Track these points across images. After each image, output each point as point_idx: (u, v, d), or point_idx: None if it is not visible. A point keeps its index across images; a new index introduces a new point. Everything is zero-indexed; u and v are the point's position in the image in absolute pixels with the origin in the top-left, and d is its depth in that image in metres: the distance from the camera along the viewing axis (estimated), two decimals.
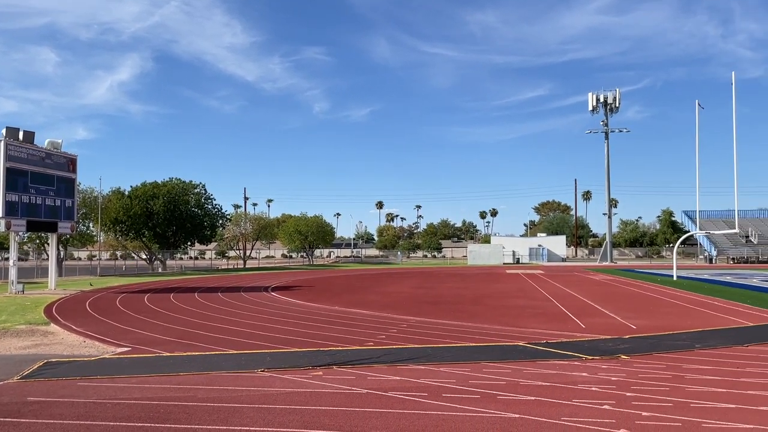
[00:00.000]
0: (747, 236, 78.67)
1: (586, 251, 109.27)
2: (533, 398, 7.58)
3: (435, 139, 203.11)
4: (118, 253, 67.03)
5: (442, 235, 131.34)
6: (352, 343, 12.14)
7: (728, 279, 35.78)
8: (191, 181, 59.87)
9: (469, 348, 11.59)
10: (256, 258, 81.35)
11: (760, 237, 78.93)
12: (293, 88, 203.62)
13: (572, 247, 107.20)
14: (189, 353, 11.13)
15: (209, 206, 60.97)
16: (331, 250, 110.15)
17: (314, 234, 77.89)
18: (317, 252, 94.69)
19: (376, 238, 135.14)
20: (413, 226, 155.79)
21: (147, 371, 9.48)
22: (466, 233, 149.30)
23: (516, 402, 7.41)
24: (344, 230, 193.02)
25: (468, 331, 14.04)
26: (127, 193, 55.81)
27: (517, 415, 6.79)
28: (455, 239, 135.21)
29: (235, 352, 11.25)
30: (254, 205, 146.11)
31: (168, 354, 11.09)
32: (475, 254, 79.78)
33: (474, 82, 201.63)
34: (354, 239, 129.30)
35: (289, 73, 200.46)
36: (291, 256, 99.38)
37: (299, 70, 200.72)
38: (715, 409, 7.03)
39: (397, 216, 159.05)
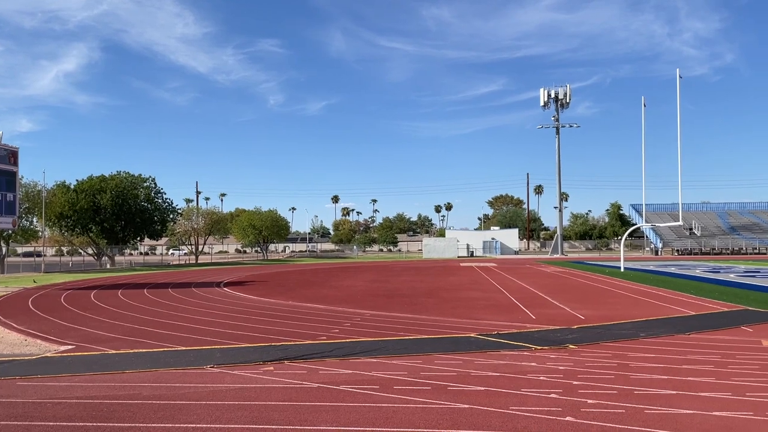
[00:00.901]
0: (690, 229, 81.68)
1: (538, 244, 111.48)
2: (483, 389, 7.66)
3: (391, 133, 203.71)
4: (64, 249, 64.91)
5: (398, 229, 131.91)
6: (305, 338, 12.05)
7: (673, 270, 37.07)
8: (140, 175, 58.44)
9: (422, 340, 11.65)
10: (208, 253, 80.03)
11: (702, 229, 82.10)
12: (247, 81, 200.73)
13: (525, 240, 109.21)
14: (136, 350, 10.83)
15: (159, 200, 59.62)
16: (286, 244, 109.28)
17: (269, 228, 77.07)
18: (272, 247, 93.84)
19: (332, 232, 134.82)
20: (369, 220, 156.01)
21: (91, 369, 9.19)
22: (421, 227, 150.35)
23: (466, 393, 7.48)
24: (300, 225, 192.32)
25: (422, 323, 14.12)
26: (72, 187, 54.02)
27: (466, 406, 6.85)
28: (411, 233, 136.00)
29: (184, 348, 11.01)
30: (207, 199, 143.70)
31: (114, 352, 10.77)
32: (430, 248, 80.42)
33: (429, 77, 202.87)
34: (310, 234, 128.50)
35: (243, 65, 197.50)
36: (245, 251, 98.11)
37: (254, 63, 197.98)
38: (657, 396, 7.24)
39: (353, 210, 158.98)
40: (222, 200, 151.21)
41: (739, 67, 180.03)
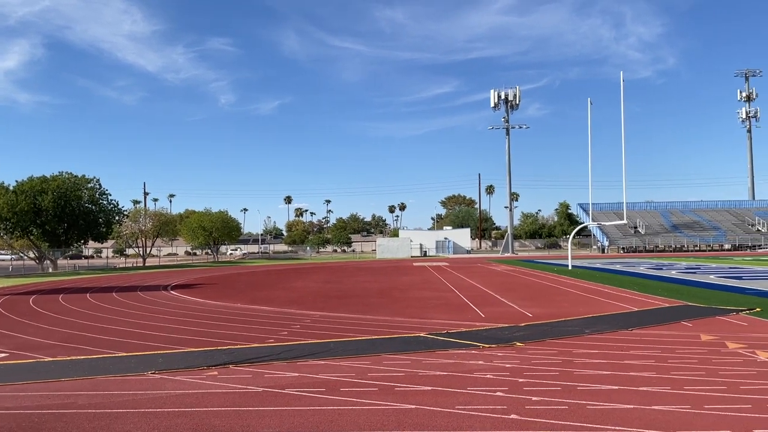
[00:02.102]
0: (635, 227, 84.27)
1: (490, 243, 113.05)
2: (430, 388, 7.64)
3: (345, 134, 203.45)
4: (4, 254, 62.17)
5: (351, 229, 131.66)
6: (252, 341, 11.81)
7: (618, 267, 38.12)
8: (84, 176, 56.43)
9: (372, 341, 11.57)
10: (157, 256, 78.06)
11: (647, 228, 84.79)
12: (198, 80, 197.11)
13: (477, 239, 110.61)
14: (73, 357, 10.40)
15: (104, 202, 57.68)
16: (237, 246, 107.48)
17: (219, 230, 75.65)
18: (223, 248, 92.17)
19: (285, 233, 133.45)
20: (323, 220, 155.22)
21: (24, 378, 8.76)
22: (375, 227, 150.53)
23: (413, 393, 7.44)
24: (252, 226, 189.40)
25: (372, 324, 14.05)
26: (12, 188, 51.78)
27: (412, 406, 6.81)
28: (365, 233, 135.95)
29: (125, 354, 10.63)
30: (155, 200, 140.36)
31: (50, 359, 10.31)
32: (383, 248, 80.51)
33: (383, 78, 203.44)
34: (262, 235, 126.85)
35: (193, 63, 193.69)
36: (195, 253, 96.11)
37: (204, 61, 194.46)
38: (599, 391, 7.36)
39: (306, 211, 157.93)
40: (171, 201, 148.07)
41: (681, 70, 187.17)
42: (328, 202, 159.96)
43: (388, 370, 8.78)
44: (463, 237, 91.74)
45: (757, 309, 14.88)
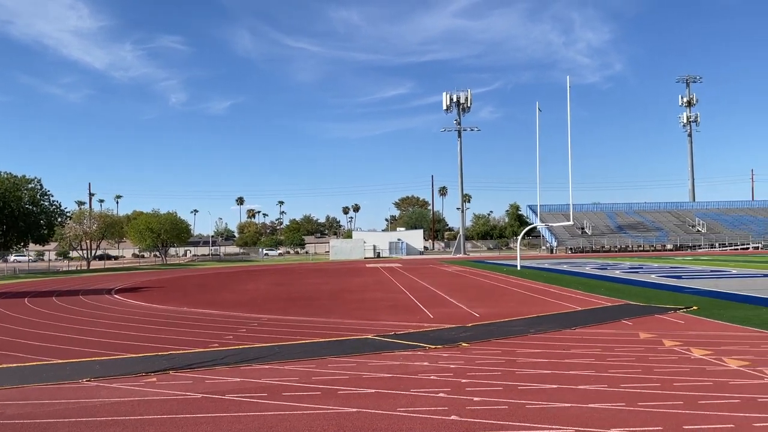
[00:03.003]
0: (583, 228, 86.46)
1: (443, 244, 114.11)
2: (373, 391, 7.61)
3: (299, 134, 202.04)
4: None
5: (305, 230, 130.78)
6: (196, 346, 11.54)
7: (565, 267, 39.00)
8: (24, 176, 54.30)
9: (318, 344, 11.47)
10: (102, 258, 75.72)
11: (593, 228, 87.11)
12: (147, 78, 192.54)
13: (430, 240, 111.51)
14: (5, 365, 9.93)
15: (46, 203, 55.62)
16: (187, 248, 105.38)
17: (168, 232, 74.07)
18: (172, 251, 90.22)
19: (236, 234, 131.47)
20: (276, 222, 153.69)
21: None
22: (329, 229, 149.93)
23: (356, 396, 7.39)
24: (202, 227, 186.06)
25: (321, 326, 13.94)
26: None
27: (354, 410, 6.76)
28: (318, 235, 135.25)
29: (60, 361, 10.23)
30: (101, 201, 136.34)
31: None
32: (337, 249, 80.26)
33: (338, 79, 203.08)
34: (213, 237, 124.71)
35: (142, 61, 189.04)
36: (143, 256, 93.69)
37: (154, 59, 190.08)
38: (539, 391, 7.47)
39: (259, 212, 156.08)
40: (118, 203, 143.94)
41: (627, 76, 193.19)
42: (282, 203, 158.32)
43: (333, 373, 8.70)
44: (416, 238, 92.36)
45: (695, 307, 15.42)
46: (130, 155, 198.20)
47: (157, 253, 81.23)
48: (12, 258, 68.75)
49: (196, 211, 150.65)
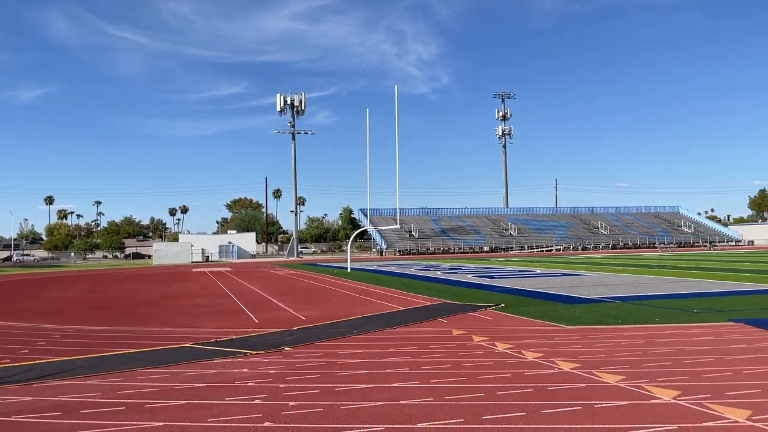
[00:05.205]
0: (410, 231, 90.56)
1: (276, 247, 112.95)
2: (184, 402, 7.22)
3: (122, 130, 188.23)
4: None
5: (126, 233, 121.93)
6: None
7: (392, 269, 40.50)
8: None
9: (129, 355, 10.66)
10: None
11: (420, 232, 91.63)
12: None
13: (263, 243, 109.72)
14: None
15: None
16: None
17: None
18: None
19: (45, 237, 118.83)
20: (92, 224, 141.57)
21: None
22: (154, 231, 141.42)
23: (165, 408, 6.96)
24: (3, 229, 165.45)
25: (133, 336, 12.99)
26: None
27: (161, 423, 6.35)
28: (141, 238, 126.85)
29: None
30: None
31: None
32: (161, 253, 75.81)
33: (167, 73, 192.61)
34: (16, 240, 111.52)
35: None
36: None
37: None
38: (356, 391, 7.60)
39: (72, 213, 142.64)
40: None
41: (453, 89, 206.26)
42: (99, 203, 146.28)
43: (142, 386, 8.13)
44: (248, 241, 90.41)
45: (502, 305, 16.77)
46: None
47: None
48: None
49: None
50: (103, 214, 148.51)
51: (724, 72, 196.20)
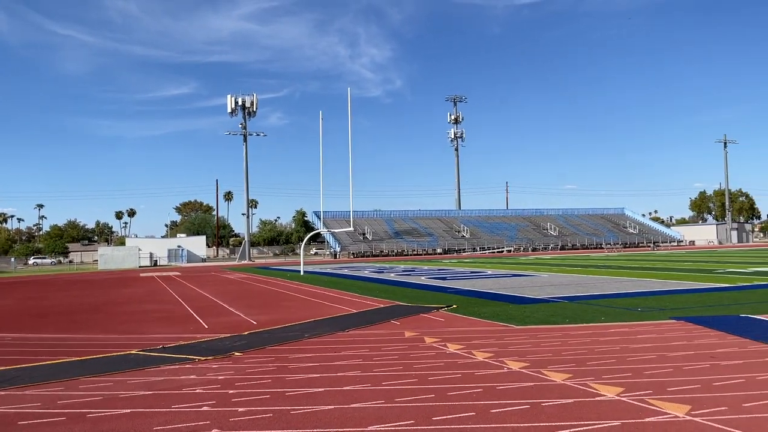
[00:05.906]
0: (364, 234, 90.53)
1: (228, 251, 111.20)
2: (128, 411, 7.01)
3: (64, 131, 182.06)
4: None
5: (69, 237, 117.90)
6: None
7: (346, 272, 40.39)
8: None
9: (71, 363, 10.29)
10: None
11: (374, 234, 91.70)
12: None
13: (214, 247, 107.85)
14: None
15: None
16: None
17: None
18: None
19: None
20: (34, 228, 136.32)
21: None
22: (100, 235, 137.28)
23: (108, 418, 6.74)
24: None
25: (75, 344, 12.55)
26: None
27: None
28: (86, 242, 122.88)
29: None
30: None
31: None
32: (107, 258, 73.51)
33: (112, 72, 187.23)
34: None
35: None
36: None
37: None
38: (306, 395, 7.53)
39: (12, 216, 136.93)
40: None
41: (405, 92, 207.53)
42: (41, 206, 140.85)
43: (84, 395, 7.85)
44: (198, 245, 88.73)
45: (454, 306, 16.93)
46: None
47: None
48: None
49: None
50: (45, 218, 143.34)
51: (665, 78, 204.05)
